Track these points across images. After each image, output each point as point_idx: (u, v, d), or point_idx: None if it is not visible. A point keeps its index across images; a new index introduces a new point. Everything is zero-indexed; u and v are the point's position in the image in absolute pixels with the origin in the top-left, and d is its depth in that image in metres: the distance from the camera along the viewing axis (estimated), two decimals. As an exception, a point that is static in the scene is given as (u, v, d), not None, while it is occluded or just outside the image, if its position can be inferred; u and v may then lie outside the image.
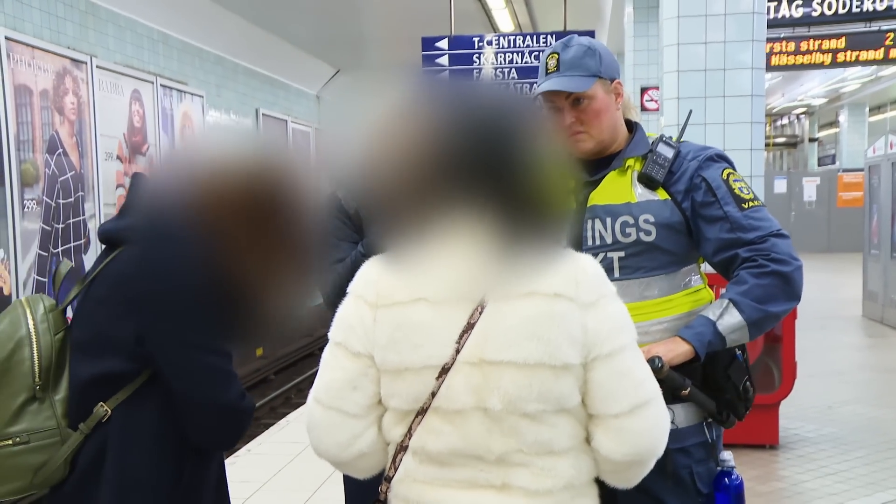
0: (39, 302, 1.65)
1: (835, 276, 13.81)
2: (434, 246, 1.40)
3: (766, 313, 1.88)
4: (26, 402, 1.58)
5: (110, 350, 1.57)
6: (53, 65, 6.43)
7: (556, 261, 1.41)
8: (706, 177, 1.95)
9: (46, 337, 1.60)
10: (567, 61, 1.95)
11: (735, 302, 1.86)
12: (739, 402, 1.94)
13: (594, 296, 1.40)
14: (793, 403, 5.24)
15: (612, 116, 1.99)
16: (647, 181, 1.97)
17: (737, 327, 1.86)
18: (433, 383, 1.37)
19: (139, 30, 7.91)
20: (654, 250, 1.94)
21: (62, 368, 1.62)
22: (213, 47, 9.47)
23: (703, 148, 2.02)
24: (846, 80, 19.53)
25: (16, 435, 1.56)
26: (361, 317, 1.42)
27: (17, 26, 6.04)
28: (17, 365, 1.58)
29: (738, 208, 1.92)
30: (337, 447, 1.45)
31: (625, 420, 1.40)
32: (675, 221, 1.95)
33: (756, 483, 4.33)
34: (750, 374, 1.97)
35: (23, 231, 5.97)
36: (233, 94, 10.05)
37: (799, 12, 9.83)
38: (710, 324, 1.86)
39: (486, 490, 1.39)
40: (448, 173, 1.39)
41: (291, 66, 11.82)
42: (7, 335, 1.59)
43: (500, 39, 8.01)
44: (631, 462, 1.43)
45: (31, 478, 1.58)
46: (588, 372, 1.39)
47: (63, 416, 1.59)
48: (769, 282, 1.87)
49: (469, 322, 1.37)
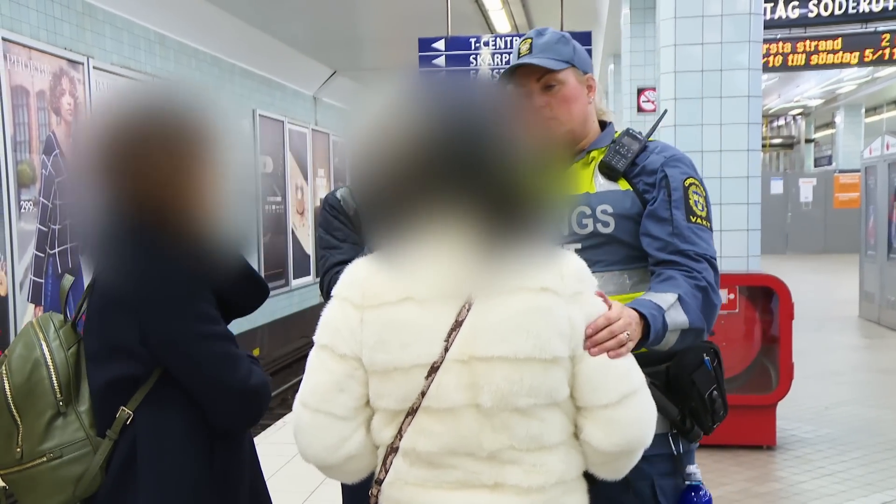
0: (49, 321, 1.71)
1: (831, 277, 13.84)
2: (420, 245, 1.41)
3: (702, 327, 1.75)
4: (53, 419, 1.63)
5: (117, 354, 1.61)
6: (50, 66, 6.42)
7: (540, 256, 1.42)
8: (668, 174, 1.87)
9: (60, 353, 1.66)
10: (541, 44, 1.91)
11: (682, 301, 1.71)
12: (705, 412, 1.81)
13: (578, 288, 1.43)
14: (790, 404, 5.25)
15: (582, 107, 1.94)
16: (607, 171, 1.90)
17: (678, 327, 1.69)
18: (423, 382, 1.38)
19: (136, 31, 7.89)
20: (613, 243, 1.87)
21: (81, 380, 1.67)
22: (209, 48, 9.45)
23: (676, 149, 1.96)
24: (842, 81, 19.57)
25: (49, 451, 1.62)
26: (347, 319, 1.43)
27: (13, 27, 6.03)
28: (37, 385, 1.63)
29: (686, 218, 1.84)
30: (325, 450, 1.46)
31: (614, 410, 1.42)
32: (635, 213, 1.87)
33: (753, 484, 4.34)
34: (720, 385, 1.84)
35: (19, 232, 5.96)
36: (229, 94, 10.04)
37: (795, 13, 9.85)
38: (661, 311, 1.66)
39: (479, 490, 1.40)
40: (430, 172, 1.39)
41: (288, 66, 11.81)
42: (24, 359, 1.65)
43: (496, 40, 8.01)
44: (620, 452, 1.44)
45: (72, 489, 1.63)
46: (576, 364, 1.41)
47: (90, 426, 1.65)
48: (701, 297, 1.75)
49: (457, 320, 1.38)
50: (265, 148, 10.97)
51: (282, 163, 11.68)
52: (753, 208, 4.93)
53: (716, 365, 1.85)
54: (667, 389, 1.80)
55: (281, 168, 11.64)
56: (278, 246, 11.55)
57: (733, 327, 4.83)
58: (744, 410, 4.79)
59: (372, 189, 1.47)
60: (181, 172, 1.59)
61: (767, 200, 18.47)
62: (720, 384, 1.85)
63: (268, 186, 11.08)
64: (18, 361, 1.64)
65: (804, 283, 12.17)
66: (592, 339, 1.42)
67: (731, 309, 4.83)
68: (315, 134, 13.10)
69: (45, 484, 1.62)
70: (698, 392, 1.80)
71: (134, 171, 1.57)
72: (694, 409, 1.82)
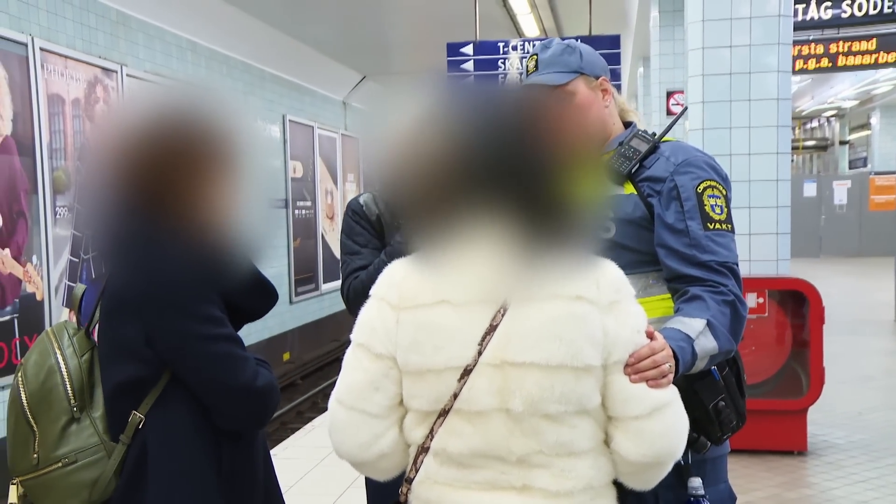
0: (63, 330, 1.74)
1: (866, 280, 13.63)
2: (458, 249, 1.42)
3: (731, 349, 1.72)
4: (67, 424, 1.66)
5: (125, 357, 1.64)
6: (85, 74, 6.54)
7: (577, 263, 1.42)
8: (678, 183, 1.83)
9: (73, 360, 1.69)
10: (545, 60, 1.92)
11: (711, 325, 1.68)
12: (711, 423, 1.78)
13: (614, 298, 1.42)
14: (822, 409, 5.18)
15: (598, 112, 1.93)
16: (611, 174, 1.88)
17: (707, 353, 1.67)
18: (455, 385, 1.39)
19: (168, 38, 8.02)
20: (617, 248, 1.81)
21: (95, 386, 1.70)
22: (240, 54, 9.57)
23: (690, 151, 1.91)
24: (878, 81, 19.27)
25: (64, 457, 1.65)
26: (384, 319, 1.44)
27: (50, 37, 6.16)
28: (51, 391, 1.66)
29: (702, 226, 1.80)
30: (358, 447, 1.47)
31: (644, 422, 1.42)
32: (637, 217, 1.85)
33: (783, 490, 4.29)
34: (732, 394, 1.81)
35: (55, 237, 6.07)
36: (259, 100, 10.14)
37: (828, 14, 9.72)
38: (690, 342, 1.64)
39: (507, 491, 1.41)
40: (468, 176, 1.40)
41: (318, 72, 11.91)
42: (38, 366, 1.68)
43: (525, 44, 8.01)
44: (649, 464, 1.44)
45: (87, 494, 1.65)
46: (608, 375, 1.41)
47: (104, 431, 1.67)
48: (729, 312, 1.73)
49: (491, 324, 1.39)
50: (295, 153, 11.07)
51: (311, 168, 11.78)
52: (783, 211, 4.89)
53: (726, 374, 1.82)
54: None
55: (311, 173, 11.74)
56: (308, 250, 11.64)
57: (762, 331, 4.79)
58: (774, 415, 4.75)
59: (409, 193, 1.49)
60: (191, 176, 1.61)
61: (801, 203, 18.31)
62: (732, 393, 1.82)
63: (298, 191, 11.18)
64: (34, 369, 1.67)
65: (838, 287, 12.01)
66: (634, 367, 1.42)
67: (761, 313, 4.78)
68: (344, 139, 13.19)
69: (60, 489, 1.65)
70: (701, 403, 1.77)
71: (144, 175, 1.59)
72: (698, 420, 1.77)
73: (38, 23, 6.05)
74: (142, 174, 1.60)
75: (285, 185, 10.78)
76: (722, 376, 1.82)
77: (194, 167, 1.61)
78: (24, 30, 5.87)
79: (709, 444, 1.82)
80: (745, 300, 1.80)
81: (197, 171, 1.62)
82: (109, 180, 1.63)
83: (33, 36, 5.93)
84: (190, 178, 1.61)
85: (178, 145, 1.61)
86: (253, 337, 9.19)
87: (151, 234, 1.61)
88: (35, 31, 5.98)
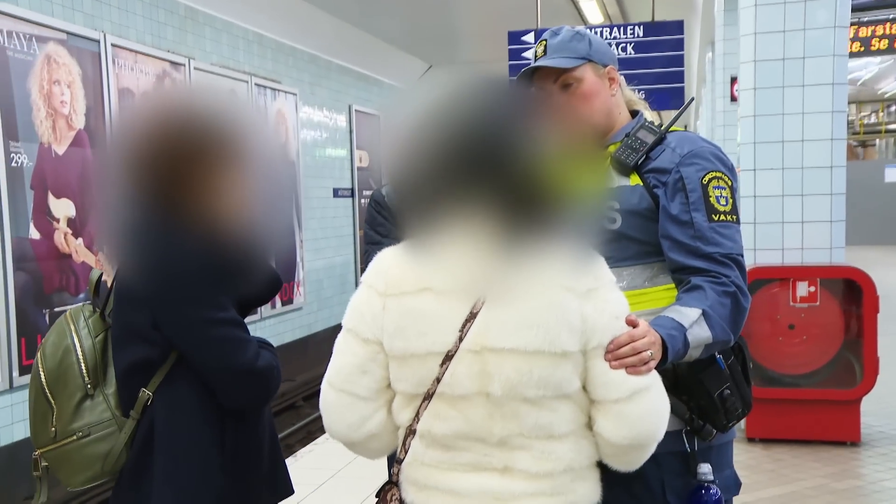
0: (80, 312, 1.88)
1: (948, 269, 13.11)
2: (442, 238, 1.47)
3: (727, 339, 1.73)
4: (82, 400, 1.81)
5: (134, 339, 1.76)
6: (154, 68, 6.81)
7: (557, 253, 1.46)
8: (684, 175, 1.83)
9: (88, 341, 1.83)
10: (554, 45, 1.92)
11: (707, 315, 1.69)
12: (716, 411, 1.79)
13: (592, 285, 1.46)
14: (877, 400, 5.07)
15: (604, 100, 1.93)
16: (618, 166, 1.89)
17: (701, 343, 1.68)
18: (437, 370, 1.45)
19: (235, 31, 8.25)
20: (622, 239, 1.85)
21: (109, 365, 1.83)
22: (306, 46, 9.76)
23: (696, 141, 1.90)
24: (966, 62, 18.43)
25: (78, 430, 1.79)
26: (371, 305, 1.51)
27: (121, 33, 6.44)
28: (67, 370, 1.81)
29: (707, 218, 1.80)
30: (348, 428, 1.55)
31: (624, 405, 1.46)
32: (643, 208, 1.86)
33: (831, 480, 4.24)
34: (738, 382, 1.82)
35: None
36: (326, 91, 10.34)
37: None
38: (682, 330, 1.65)
39: (490, 473, 1.47)
40: (453, 168, 1.45)
41: (384, 62, 12.04)
42: (56, 346, 1.83)
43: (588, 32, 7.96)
44: (631, 445, 1.48)
45: (101, 465, 1.80)
46: (588, 360, 1.46)
47: (116, 406, 1.81)
48: (729, 303, 1.74)
49: (472, 311, 1.44)
50: (361, 142, 11.25)
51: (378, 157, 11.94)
52: (837, 199, 4.80)
53: (731, 362, 1.83)
54: (674, 388, 1.77)
55: (377, 162, 11.91)
56: (374, 238, 11.79)
57: (814, 321, 4.71)
58: (825, 405, 4.68)
59: (401, 183, 1.56)
60: (201, 169, 1.72)
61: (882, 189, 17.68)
62: (737, 381, 1.83)
63: (364, 180, 11.36)
64: (51, 349, 1.82)
65: (915, 277, 11.57)
66: (614, 354, 1.45)
67: (812, 302, 4.71)
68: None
69: (75, 460, 1.79)
70: (706, 391, 1.79)
71: (155, 167, 1.71)
72: (703, 408, 1.80)
73: (109, 19, 6.32)
74: (153, 166, 1.71)
75: (351, 174, 10.98)
76: (727, 365, 1.82)
77: (204, 161, 1.72)
78: (97, 27, 6.15)
79: (714, 431, 1.83)
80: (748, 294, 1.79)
81: (207, 164, 1.72)
82: (123, 171, 1.75)
83: (105, 32, 6.20)
84: (200, 171, 1.72)
85: (188, 141, 1.71)
86: (334, 319, 9.38)
87: (161, 224, 1.72)
88: (107, 28, 6.26)
